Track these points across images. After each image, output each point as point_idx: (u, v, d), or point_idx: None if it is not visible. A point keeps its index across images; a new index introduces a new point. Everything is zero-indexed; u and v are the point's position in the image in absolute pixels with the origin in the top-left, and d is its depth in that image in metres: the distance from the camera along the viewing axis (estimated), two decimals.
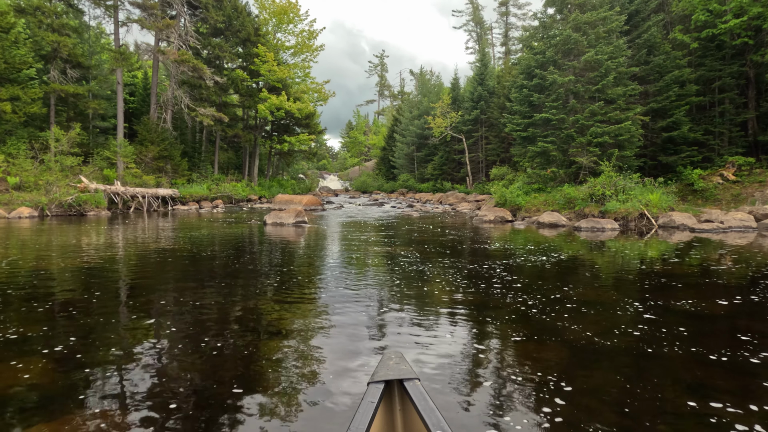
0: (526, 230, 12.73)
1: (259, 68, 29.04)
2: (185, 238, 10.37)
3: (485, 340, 3.63)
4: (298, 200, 23.63)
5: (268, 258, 7.73)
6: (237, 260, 7.36)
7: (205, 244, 9.35)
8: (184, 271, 6.47)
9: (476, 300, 4.83)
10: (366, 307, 4.55)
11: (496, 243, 9.72)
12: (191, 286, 5.45)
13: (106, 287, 5.37)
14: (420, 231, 12.32)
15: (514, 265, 6.87)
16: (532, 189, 18.15)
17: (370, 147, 67.03)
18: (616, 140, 16.68)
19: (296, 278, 6.00)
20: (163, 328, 3.85)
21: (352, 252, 8.37)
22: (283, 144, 31.47)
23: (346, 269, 6.74)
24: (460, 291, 5.23)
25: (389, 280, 5.95)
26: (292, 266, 7.01)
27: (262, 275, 6.16)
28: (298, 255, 8.18)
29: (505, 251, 8.41)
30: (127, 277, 6.13)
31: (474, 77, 42.98)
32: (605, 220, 12.67)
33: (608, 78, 16.56)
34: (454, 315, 4.27)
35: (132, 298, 4.98)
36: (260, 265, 6.94)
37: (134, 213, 20.11)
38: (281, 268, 6.81)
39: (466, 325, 3.98)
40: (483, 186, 38.74)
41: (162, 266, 6.80)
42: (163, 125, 25.59)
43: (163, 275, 6.18)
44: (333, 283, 5.64)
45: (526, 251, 8.23)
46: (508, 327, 3.88)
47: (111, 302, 4.72)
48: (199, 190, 24.50)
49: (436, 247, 9.01)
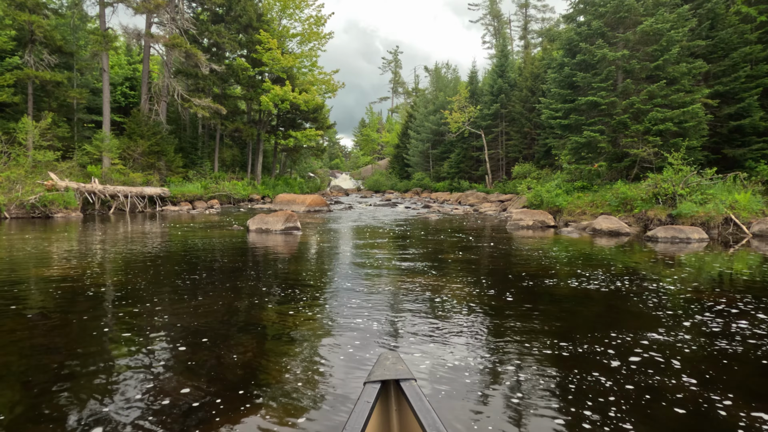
0: (581, 240, 9.61)
1: (261, 56, 26.23)
2: (131, 255, 7.51)
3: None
4: (301, 200, 20.78)
5: (197, 300, 4.79)
6: (156, 293, 4.43)
7: (145, 266, 6.47)
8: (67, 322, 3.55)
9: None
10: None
11: (554, 262, 6.67)
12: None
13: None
14: (442, 241, 9.29)
15: (611, 318, 3.81)
16: (574, 187, 14.96)
17: (383, 145, 64.01)
18: (680, 128, 13.42)
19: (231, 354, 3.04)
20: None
21: (343, 283, 5.40)
22: (289, 139, 28.60)
23: (326, 328, 3.74)
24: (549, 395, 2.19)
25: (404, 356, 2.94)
26: (235, 319, 4.05)
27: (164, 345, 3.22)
28: (252, 293, 5.24)
29: (580, 279, 5.36)
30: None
31: (494, 69, 39.67)
32: (689, 228, 9.45)
33: (670, 52, 13.30)
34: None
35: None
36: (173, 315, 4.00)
37: (115, 215, 17.46)
38: (209, 328, 3.85)
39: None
40: (504, 185, 35.44)
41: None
42: (156, 118, 22.93)
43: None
44: (298, 375, 2.67)
45: (609, 278, 5.16)
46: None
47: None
48: (192, 189, 21.79)
49: (470, 272, 5.99)
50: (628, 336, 3.33)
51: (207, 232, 11.15)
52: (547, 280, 5.45)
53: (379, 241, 9.34)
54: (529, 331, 3.48)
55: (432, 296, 4.62)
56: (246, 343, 3.22)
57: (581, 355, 2.96)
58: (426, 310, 4.10)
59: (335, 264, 6.62)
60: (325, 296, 4.67)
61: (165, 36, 21.21)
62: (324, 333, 3.50)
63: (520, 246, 8.67)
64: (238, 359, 2.93)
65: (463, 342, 3.24)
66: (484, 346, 3.17)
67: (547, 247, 8.43)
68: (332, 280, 5.45)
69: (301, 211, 20.09)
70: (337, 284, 5.23)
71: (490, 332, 3.48)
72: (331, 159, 75.20)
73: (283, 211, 10.73)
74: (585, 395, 2.39)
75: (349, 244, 9.06)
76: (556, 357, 2.94)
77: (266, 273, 6.03)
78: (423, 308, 4.17)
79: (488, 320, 3.81)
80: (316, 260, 7.07)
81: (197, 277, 5.61)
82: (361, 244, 8.94)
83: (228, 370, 2.74)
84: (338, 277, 5.62)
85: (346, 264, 6.60)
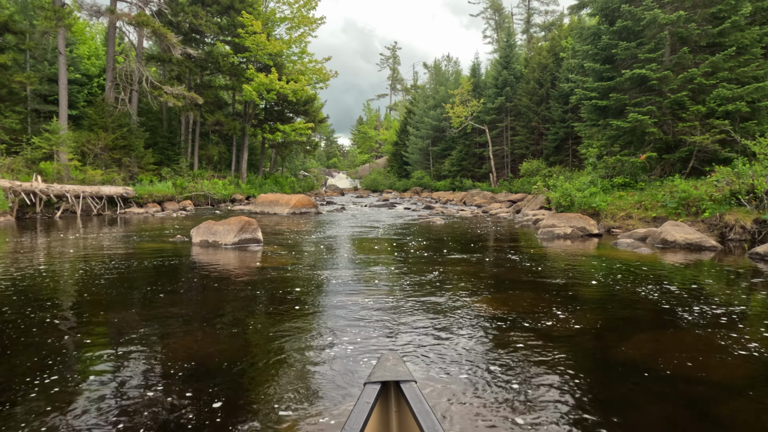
0: (654, 260, 6.56)
1: (244, 41, 23.10)
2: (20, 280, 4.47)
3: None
4: (285, 201, 17.70)
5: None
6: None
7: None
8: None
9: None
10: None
11: (641, 295, 3.68)
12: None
13: None
14: (456, 262, 6.25)
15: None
16: (612, 185, 11.92)
17: (381, 143, 60.86)
18: (753, 107, 10.40)
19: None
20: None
21: (299, 355, 2.42)
22: (276, 133, 25.46)
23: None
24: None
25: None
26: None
27: None
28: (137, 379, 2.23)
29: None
30: None
31: (498, 60, 36.58)
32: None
33: (742, 11, 10.27)
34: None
35: None
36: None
37: (64, 219, 14.43)
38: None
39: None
40: (510, 183, 32.35)
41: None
42: (124, 108, 19.84)
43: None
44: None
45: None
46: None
47: None
48: (162, 189, 18.69)
49: (524, 337, 2.96)
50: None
51: (142, 244, 8.10)
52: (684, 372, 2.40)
53: (371, 261, 6.29)
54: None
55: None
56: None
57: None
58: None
59: (288, 308, 3.58)
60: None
61: (129, 13, 18.11)
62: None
63: (574, 272, 5.61)
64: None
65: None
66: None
67: (619, 275, 5.37)
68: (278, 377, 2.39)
69: (284, 213, 17.06)
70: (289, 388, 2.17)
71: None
72: (328, 158, 72.04)
73: (237, 218, 7.67)
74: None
75: (324, 267, 6.02)
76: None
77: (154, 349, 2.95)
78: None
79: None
80: (260, 309, 4.01)
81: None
82: (343, 268, 5.89)
83: None
84: (288, 369, 2.56)
85: (310, 305, 3.56)
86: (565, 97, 30.35)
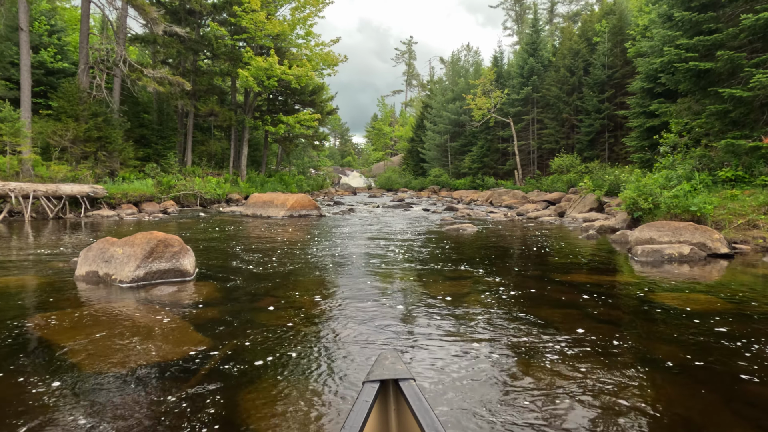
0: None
1: (241, 21, 20.01)
2: None
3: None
4: (281, 202, 14.51)
5: None
6: None
7: None
8: None
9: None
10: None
11: None
12: None
13: None
14: (527, 310, 2.94)
15: None
16: (716, 180, 8.41)
17: (396, 139, 57.43)
18: None
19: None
20: None
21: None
22: (278, 125, 22.31)
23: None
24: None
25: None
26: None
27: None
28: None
29: None
30: None
31: (523, 47, 32.79)
32: None
33: None
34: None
35: None
36: None
37: (5, 223, 11.53)
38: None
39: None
40: (538, 181, 28.64)
41: None
42: (98, 95, 16.92)
43: None
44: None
45: None
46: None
47: None
48: (139, 188, 15.67)
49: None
50: None
51: (21, 273, 4.95)
52: None
53: (365, 318, 3.02)
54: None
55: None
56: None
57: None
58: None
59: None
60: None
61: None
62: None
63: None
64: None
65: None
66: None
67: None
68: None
69: (279, 216, 13.90)
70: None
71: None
72: (342, 156, 68.94)
73: (146, 235, 4.42)
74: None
75: (282, 363, 2.76)
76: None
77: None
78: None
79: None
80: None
81: None
82: (311, 326, 2.63)
83: None
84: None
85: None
86: (601, 85, 26.54)
